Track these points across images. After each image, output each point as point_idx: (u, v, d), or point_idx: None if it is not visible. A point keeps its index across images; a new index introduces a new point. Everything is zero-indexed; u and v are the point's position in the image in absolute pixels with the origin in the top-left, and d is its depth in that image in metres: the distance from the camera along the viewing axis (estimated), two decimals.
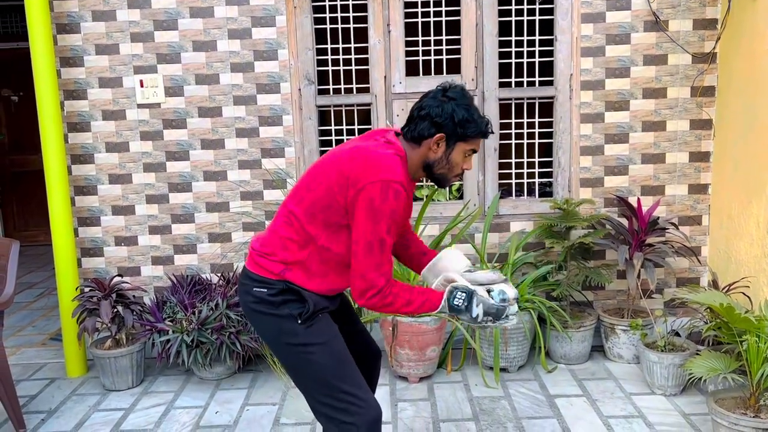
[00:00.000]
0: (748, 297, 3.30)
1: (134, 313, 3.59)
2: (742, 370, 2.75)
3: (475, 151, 2.02)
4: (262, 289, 2.00)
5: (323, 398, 1.99)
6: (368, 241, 1.86)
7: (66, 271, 3.69)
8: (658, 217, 3.67)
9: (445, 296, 1.94)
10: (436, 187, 3.92)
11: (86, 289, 3.64)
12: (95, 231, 3.92)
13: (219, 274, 3.87)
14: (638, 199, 3.69)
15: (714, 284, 3.50)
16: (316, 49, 3.85)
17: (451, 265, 2.12)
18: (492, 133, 2.05)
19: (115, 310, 3.54)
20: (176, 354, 3.46)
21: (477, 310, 1.91)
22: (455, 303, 1.91)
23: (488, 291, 1.95)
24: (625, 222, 3.71)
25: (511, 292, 1.96)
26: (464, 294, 1.92)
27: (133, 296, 3.68)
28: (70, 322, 3.67)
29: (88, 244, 3.92)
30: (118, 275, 3.77)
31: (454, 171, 2.02)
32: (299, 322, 1.98)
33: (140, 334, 3.63)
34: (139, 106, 3.81)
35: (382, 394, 3.35)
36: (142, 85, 3.79)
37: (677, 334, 3.55)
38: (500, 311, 1.92)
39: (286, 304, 1.99)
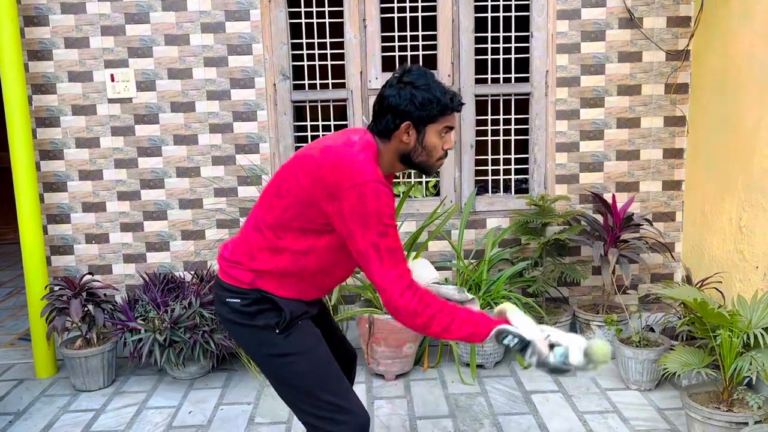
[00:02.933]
0: (721, 292, 3.33)
1: (105, 312, 3.52)
2: (715, 365, 2.78)
3: (451, 128, 1.89)
4: (235, 300, 1.92)
5: (307, 408, 1.92)
6: (359, 251, 1.76)
7: (35, 269, 3.60)
8: (633, 214, 3.69)
9: (492, 334, 1.78)
10: (412, 183, 3.93)
11: (56, 288, 3.56)
12: (65, 228, 3.83)
13: (192, 272, 3.81)
14: (613, 195, 3.71)
15: (688, 280, 3.53)
16: (292, 43, 3.80)
17: (420, 276, 2.03)
18: (463, 104, 1.93)
19: (86, 309, 3.47)
20: (149, 353, 3.40)
21: (530, 360, 1.77)
22: (505, 342, 1.78)
23: (551, 345, 1.77)
24: (600, 218, 3.73)
25: (576, 357, 1.74)
26: (516, 339, 1.77)
27: (105, 295, 3.61)
28: (39, 321, 3.59)
29: (58, 241, 3.84)
30: (89, 273, 3.70)
31: (434, 155, 1.89)
32: (277, 331, 1.90)
33: (112, 333, 3.56)
34: (110, 101, 3.74)
35: (358, 392, 3.31)
36: (113, 80, 3.71)
37: (652, 330, 3.57)
38: (557, 369, 1.75)
39: (262, 314, 1.91)
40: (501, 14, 3.80)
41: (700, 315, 2.72)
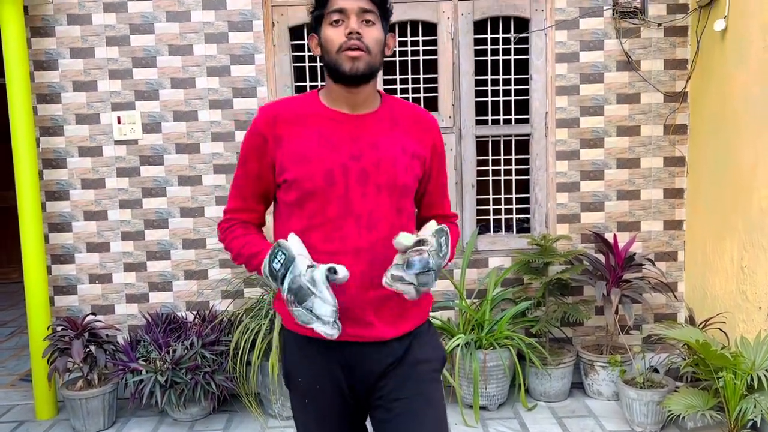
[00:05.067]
0: (724, 333, 3.32)
1: (107, 352, 3.51)
2: (720, 407, 2.75)
3: (339, 10, 1.56)
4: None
5: None
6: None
7: (38, 309, 3.61)
8: (635, 253, 3.70)
9: (268, 253, 1.51)
10: None
11: (58, 328, 3.56)
12: (69, 268, 3.85)
13: (195, 312, 3.81)
14: (614, 235, 3.72)
15: (691, 320, 3.52)
16: (295, 86, 3.87)
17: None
18: None
19: (88, 349, 3.46)
20: (149, 394, 3.38)
21: (287, 279, 1.45)
22: (273, 266, 1.47)
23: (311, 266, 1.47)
24: (602, 258, 3.73)
25: (342, 272, 1.45)
26: (284, 256, 1.46)
27: (107, 335, 3.61)
28: (40, 362, 3.58)
29: (62, 281, 3.86)
30: (92, 314, 3.70)
31: (330, 48, 1.57)
32: (285, 382, 1.76)
33: (113, 374, 3.55)
34: (116, 142, 3.79)
35: None
36: (119, 122, 3.77)
37: (656, 371, 3.54)
38: (302, 292, 1.42)
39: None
40: (500, 57, 3.87)
41: (704, 356, 2.71)
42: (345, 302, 1.54)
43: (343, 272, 1.43)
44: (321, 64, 1.64)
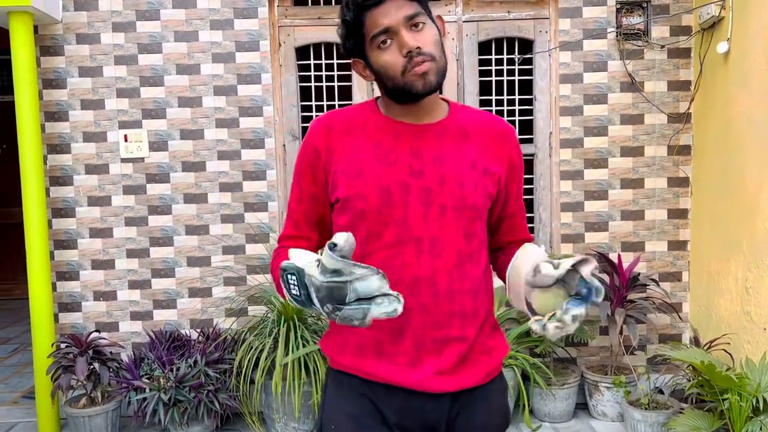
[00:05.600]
0: (729, 354, 3.30)
1: (111, 370, 3.51)
2: (725, 429, 2.74)
3: (385, 31, 1.35)
4: None
5: None
6: None
7: (42, 326, 3.62)
8: (639, 273, 3.69)
9: (282, 286, 1.25)
10: None
11: (62, 345, 3.56)
12: (74, 285, 3.86)
13: (198, 330, 3.81)
14: (619, 255, 3.72)
15: (695, 341, 3.51)
16: (301, 105, 3.90)
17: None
18: None
19: (91, 367, 3.46)
20: (153, 413, 3.37)
21: (314, 296, 1.18)
22: (294, 294, 1.22)
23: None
24: (606, 278, 3.73)
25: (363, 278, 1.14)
26: (294, 276, 1.20)
27: (110, 353, 3.61)
28: (44, 379, 3.58)
29: (66, 298, 3.86)
30: (96, 331, 3.70)
31: (391, 72, 1.37)
32: None
33: (116, 391, 3.54)
34: (123, 160, 3.82)
35: None
36: (126, 140, 3.80)
37: (661, 392, 3.53)
38: (333, 290, 1.14)
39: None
40: (505, 78, 3.90)
41: (708, 378, 2.70)
42: (398, 341, 1.35)
43: (340, 239, 1.13)
44: (378, 86, 1.45)
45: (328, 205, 1.46)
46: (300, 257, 1.23)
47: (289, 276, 1.21)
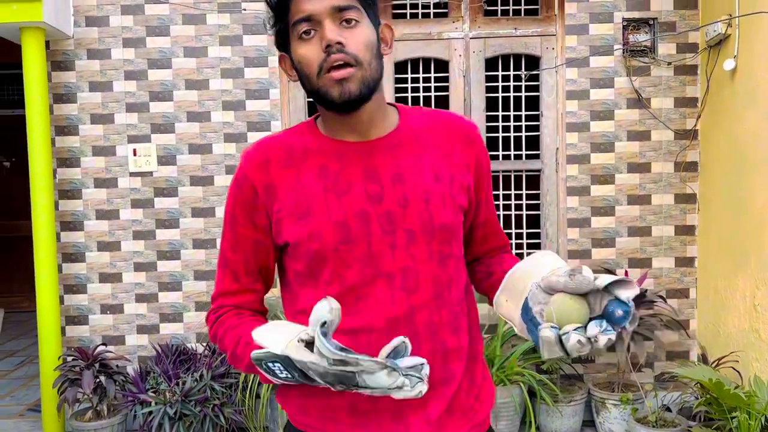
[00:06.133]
0: (738, 372, 3.28)
1: (117, 383, 3.51)
2: None
3: (306, 19, 1.16)
4: None
5: None
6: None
7: (49, 339, 3.63)
8: (646, 290, 3.68)
9: (264, 372, 1.08)
10: None
11: (69, 359, 3.57)
12: (81, 299, 3.88)
13: (204, 344, 3.81)
14: (626, 271, 3.71)
15: (703, 358, 3.49)
16: None
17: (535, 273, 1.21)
18: None
19: (98, 380, 3.47)
20: (158, 426, 3.37)
21: (317, 379, 1.01)
22: (283, 377, 1.06)
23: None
24: None
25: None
26: (278, 363, 1.04)
27: (117, 366, 3.61)
28: (50, 392, 3.59)
29: (74, 312, 3.88)
30: (102, 344, 3.71)
31: (307, 71, 1.18)
32: None
33: (122, 405, 3.55)
34: (131, 174, 3.85)
35: None
36: (135, 154, 3.83)
37: (668, 409, 3.50)
38: (340, 377, 0.99)
39: None
40: (512, 94, 3.91)
41: (716, 396, 2.68)
42: (375, 396, 1.05)
43: (325, 313, 0.97)
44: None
45: (271, 250, 1.26)
46: (270, 338, 1.07)
47: (269, 364, 1.05)
